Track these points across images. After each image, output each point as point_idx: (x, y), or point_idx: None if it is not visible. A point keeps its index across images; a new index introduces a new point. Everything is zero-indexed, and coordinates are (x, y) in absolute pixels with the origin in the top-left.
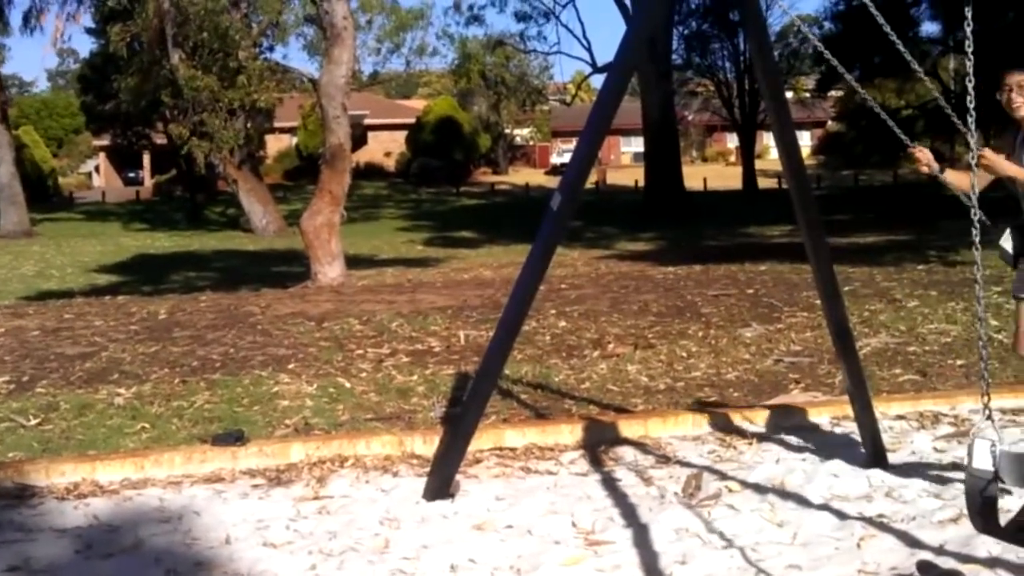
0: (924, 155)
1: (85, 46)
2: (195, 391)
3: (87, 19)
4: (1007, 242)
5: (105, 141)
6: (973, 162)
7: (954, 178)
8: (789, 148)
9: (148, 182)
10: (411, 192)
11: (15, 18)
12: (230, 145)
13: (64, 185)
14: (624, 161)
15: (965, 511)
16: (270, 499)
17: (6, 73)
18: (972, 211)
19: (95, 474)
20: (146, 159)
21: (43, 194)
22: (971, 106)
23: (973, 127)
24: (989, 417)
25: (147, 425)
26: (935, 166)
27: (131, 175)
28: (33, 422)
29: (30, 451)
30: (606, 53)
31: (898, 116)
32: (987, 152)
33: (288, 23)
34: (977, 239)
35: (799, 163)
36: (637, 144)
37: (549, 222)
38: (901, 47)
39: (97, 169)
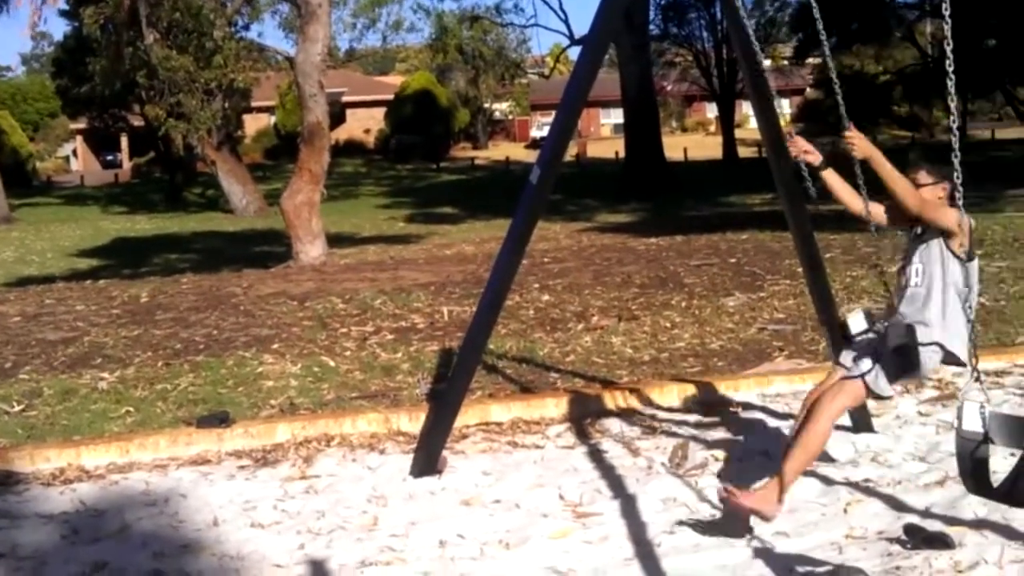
0: (796, 145)
1: (59, 29)
2: (179, 373)
3: (61, 1)
4: (856, 321)
5: (82, 124)
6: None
7: (832, 181)
8: (768, 117)
9: (126, 165)
10: (390, 169)
11: None
12: (207, 126)
13: (42, 170)
14: (604, 133)
15: (953, 474)
16: (257, 480)
17: None
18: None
19: (80, 459)
20: (123, 141)
21: (22, 179)
22: (950, 70)
23: (952, 90)
24: (978, 379)
25: (131, 409)
26: (813, 158)
27: (109, 158)
28: (17, 408)
29: (14, 437)
30: (584, 25)
31: (876, 82)
32: (854, 131)
33: (262, 1)
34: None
35: (777, 130)
36: (617, 116)
37: (529, 195)
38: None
39: (74, 153)
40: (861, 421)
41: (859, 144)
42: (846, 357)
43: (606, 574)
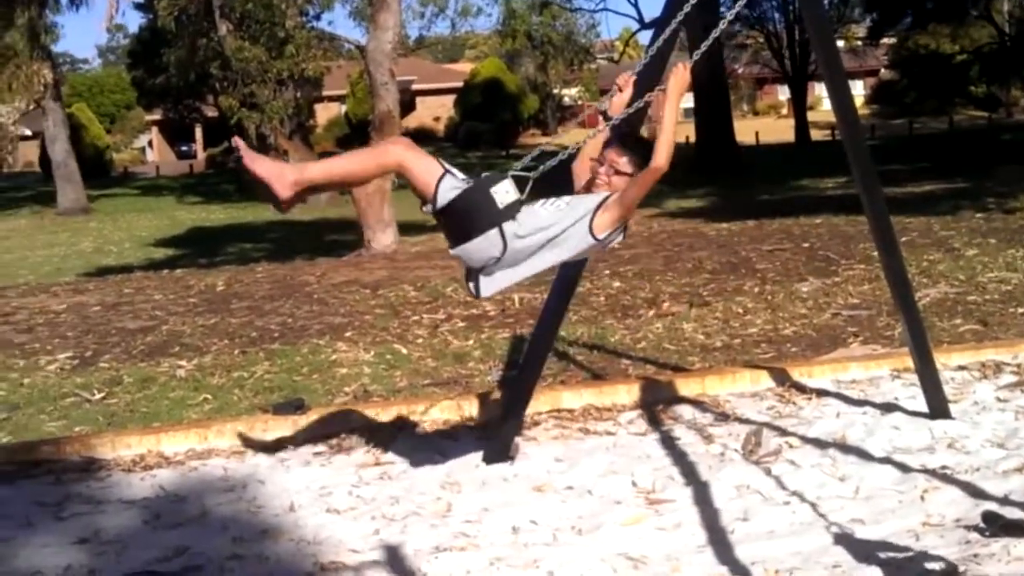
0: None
1: (134, 21)
2: (255, 361)
3: None
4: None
5: (157, 115)
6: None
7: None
8: (842, 99)
9: (201, 155)
10: (459, 156)
11: None
12: (280, 115)
13: (118, 161)
14: None
15: None
16: (332, 466)
17: (57, 51)
18: None
19: (160, 446)
20: (198, 132)
21: (100, 171)
22: None
23: None
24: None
25: (209, 396)
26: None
27: (183, 148)
28: (97, 396)
29: (96, 425)
30: (653, 8)
31: (952, 62)
32: (685, 71)
33: None
34: None
35: (852, 114)
36: (687, 100)
37: None
38: None
39: (150, 144)
40: (938, 407)
41: (678, 76)
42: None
43: (679, 561)
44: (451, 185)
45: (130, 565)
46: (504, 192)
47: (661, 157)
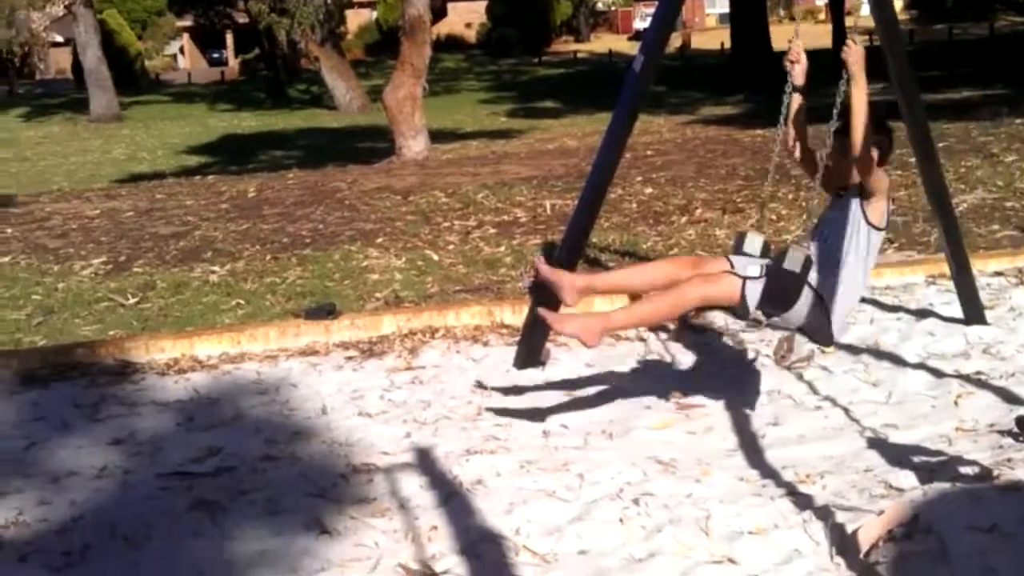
0: (793, 55)
1: None
2: (287, 267)
3: None
4: (752, 243)
5: (188, 22)
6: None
7: (795, 105)
8: (881, 4)
9: (232, 62)
10: (491, 64)
11: None
12: (310, 21)
13: (150, 68)
14: (709, 23)
15: None
16: (364, 370)
17: None
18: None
19: (193, 350)
20: (229, 39)
21: (131, 78)
22: None
23: None
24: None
25: (242, 301)
26: (799, 73)
27: (215, 55)
28: (131, 301)
29: (130, 329)
30: None
31: None
32: (856, 47)
33: None
34: None
35: (892, 18)
36: (722, 5)
37: (631, 84)
38: None
39: (181, 50)
40: (973, 313)
41: (855, 56)
42: (738, 260)
43: (709, 464)
44: (754, 292)
45: (164, 466)
46: (793, 259)
47: (858, 145)
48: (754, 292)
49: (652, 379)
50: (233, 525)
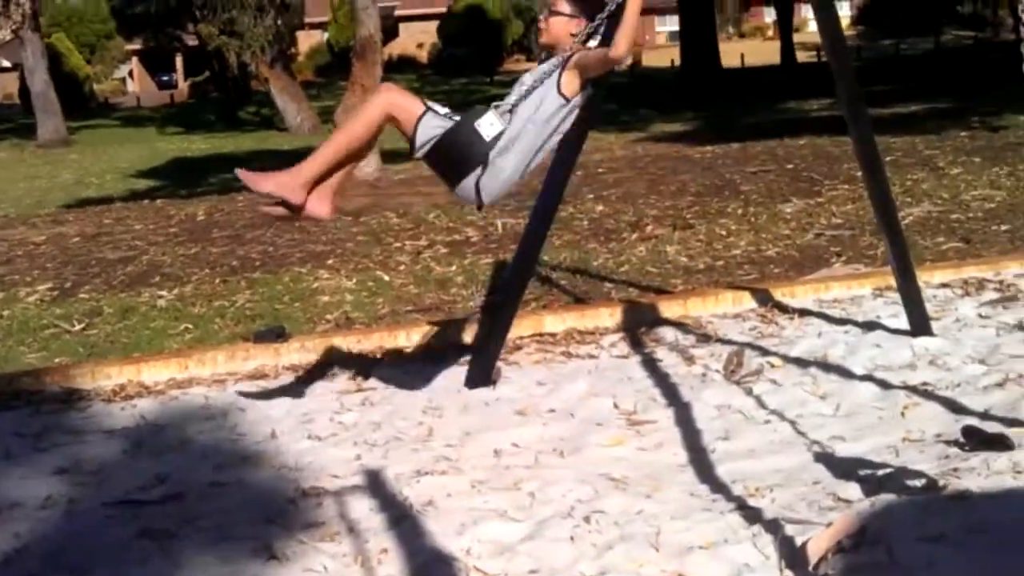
0: None
1: None
2: (236, 290)
3: None
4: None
5: (137, 45)
6: None
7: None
8: (828, 20)
9: (182, 85)
10: (443, 83)
11: None
12: (260, 43)
13: (99, 91)
14: (660, 41)
15: (1013, 376)
16: (314, 393)
17: None
18: None
19: (140, 375)
20: (179, 61)
21: (80, 102)
22: None
23: None
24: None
25: (190, 326)
26: None
27: (164, 78)
28: (77, 327)
29: (76, 355)
30: None
31: None
32: None
33: None
34: None
35: (838, 36)
36: (673, 23)
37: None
38: None
39: (131, 74)
40: (919, 325)
41: None
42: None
43: (660, 480)
44: (433, 124)
45: (110, 494)
46: (489, 124)
47: (621, 47)
48: (429, 127)
49: (603, 396)
50: (181, 553)
